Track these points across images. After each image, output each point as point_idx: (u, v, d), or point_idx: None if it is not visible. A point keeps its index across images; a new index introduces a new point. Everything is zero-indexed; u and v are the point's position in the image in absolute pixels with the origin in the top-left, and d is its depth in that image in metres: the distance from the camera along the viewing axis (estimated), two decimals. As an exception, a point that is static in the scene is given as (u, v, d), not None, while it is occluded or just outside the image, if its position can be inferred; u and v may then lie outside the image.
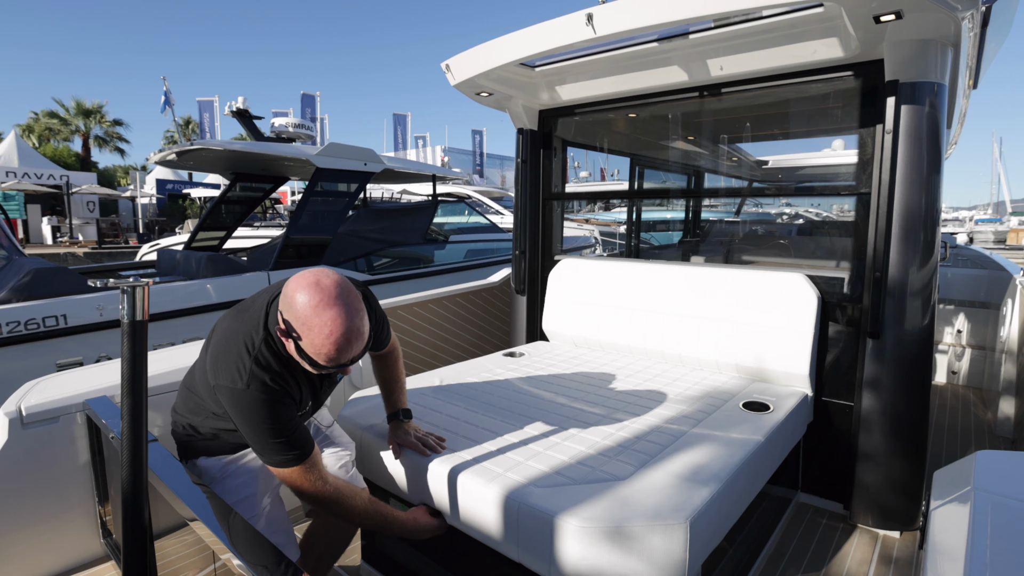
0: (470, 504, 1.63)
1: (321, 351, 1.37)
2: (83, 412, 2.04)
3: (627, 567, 1.40)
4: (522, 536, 1.51)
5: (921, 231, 2.27)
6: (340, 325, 1.35)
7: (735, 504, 1.71)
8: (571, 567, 1.43)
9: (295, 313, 1.37)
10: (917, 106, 2.21)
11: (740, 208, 5.91)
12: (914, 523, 2.44)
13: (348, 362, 1.42)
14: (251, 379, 1.44)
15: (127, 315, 1.07)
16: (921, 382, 2.35)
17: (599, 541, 1.40)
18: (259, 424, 1.44)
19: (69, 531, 2.08)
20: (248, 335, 1.50)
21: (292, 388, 1.52)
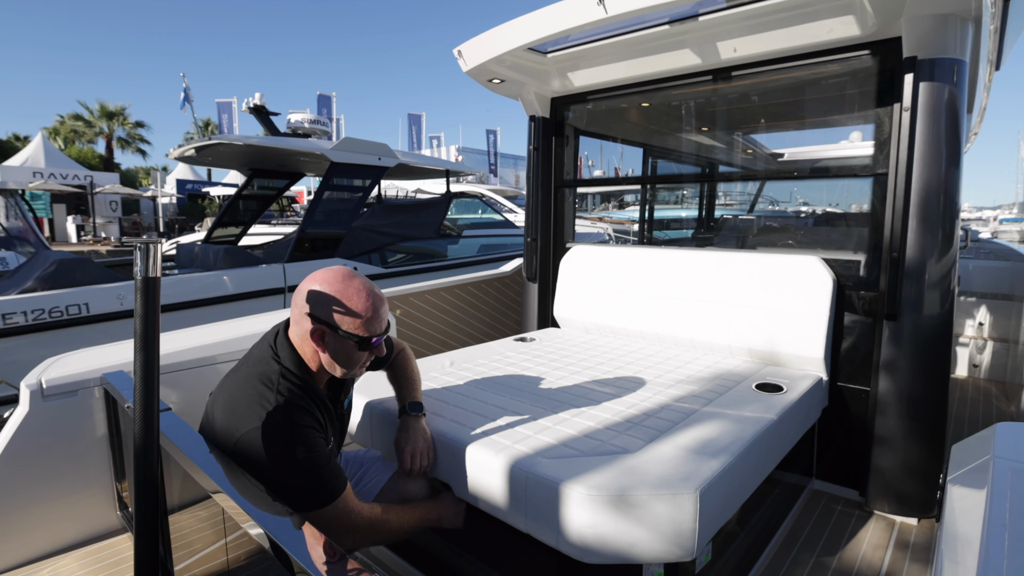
0: (478, 475, 1.63)
1: (365, 315, 1.43)
2: (101, 386, 2.08)
3: (635, 536, 1.39)
4: (529, 506, 1.50)
5: (940, 211, 2.22)
6: (367, 285, 1.46)
7: (746, 480, 1.69)
8: (578, 536, 1.42)
9: (324, 297, 1.41)
10: (936, 83, 2.17)
11: (754, 204, 5.84)
12: (932, 510, 2.39)
13: (385, 327, 1.49)
14: (280, 411, 1.39)
15: (140, 271, 1.09)
16: (940, 365, 2.30)
17: (607, 509, 1.39)
18: (294, 459, 1.36)
19: (86, 503, 2.12)
20: (262, 375, 1.46)
21: (318, 416, 1.49)
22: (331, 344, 1.44)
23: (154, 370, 1.12)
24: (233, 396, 1.45)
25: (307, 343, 1.47)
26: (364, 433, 2.07)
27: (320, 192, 6.17)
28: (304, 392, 1.46)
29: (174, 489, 1.74)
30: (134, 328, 1.11)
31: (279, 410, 1.38)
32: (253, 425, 1.36)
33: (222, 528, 1.47)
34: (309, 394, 1.47)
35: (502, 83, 3.20)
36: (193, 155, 6.47)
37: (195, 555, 1.77)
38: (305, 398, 1.45)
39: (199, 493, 1.55)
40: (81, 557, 2.06)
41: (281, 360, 1.48)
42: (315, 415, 1.46)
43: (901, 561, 2.13)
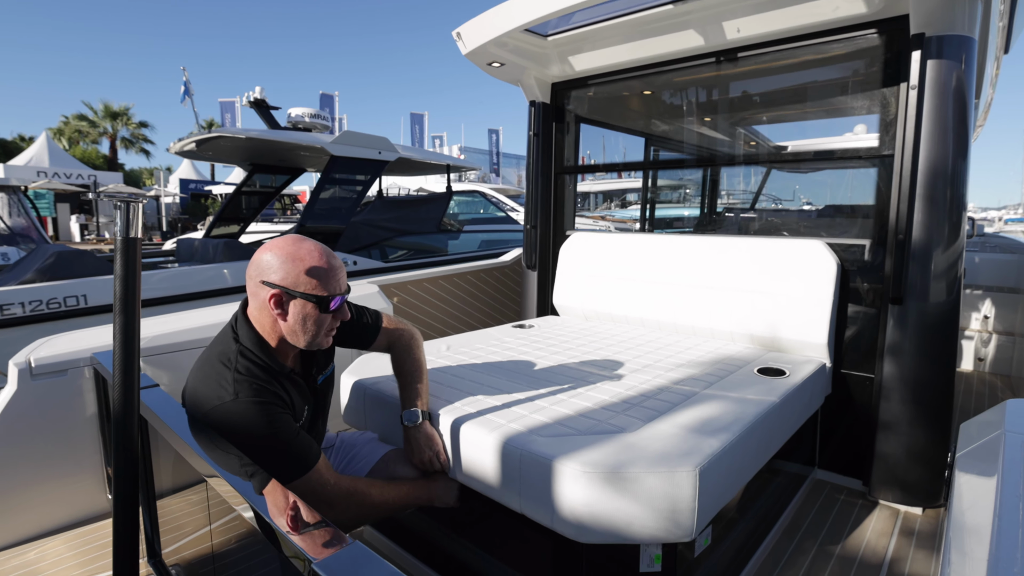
0: (471, 454, 1.59)
1: (320, 274, 1.39)
2: (91, 365, 2.05)
3: (631, 515, 1.35)
4: (524, 485, 1.46)
5: (947, 192, 2.17)
6: (322, 246, 1.43)
7: (748, 462, 1.64)
8: (573, 515, 1.37)
9: (278, 263, 1.38)
10: (944, 60, 2.12)
11: (757, 197, 5.79)
12: (938, 499, 2.34)
13: (344, 287, 1.45)
14: (237, 388, 1.36)
15: (120, 231, 1.06)
16: (946, 350, 2.25)
17: (602, 486, 1.35)
18: (257, 434, 1.33)
19: (76, 485, 2.09)
20: (221, 355, 1.43)
21: (281, 392, 1.44)
22: (290, 310, 1.40)
23: (134, 333, 1.08)
24: (196, 377, 1.43)
25: (265, 314, 1.42)
26: (357, 416, 2.03)
27: (320, 186, 6.14)
28: (262, 369, 1.42)
29: (162, 472, 1.71)
30: (113, 290, 1.07)
31: (237, 388, 1.35)
32: (212, 405, 1.34)
33: (216, 509, 1.44)
34: (268, 371, 1.43)
35: (502, 67, 3.17)
36: (194, 149, 6.45)
37: (185, 537, 1.74)
38: (264, 374, 1.41)
39: (189, 476, 1.52)
40: (70, 539, 2.03)
41: (239, 339, 1.44)
42: (275, 392, 1.41)
43: (906, 550, 2.08)
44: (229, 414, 1.33)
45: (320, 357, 1.64)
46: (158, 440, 1.61)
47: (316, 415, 1.64)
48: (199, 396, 1.38)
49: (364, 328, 1.77)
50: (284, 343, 1.46)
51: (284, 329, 1.43)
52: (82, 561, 1.91)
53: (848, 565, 1.98)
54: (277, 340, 1.45)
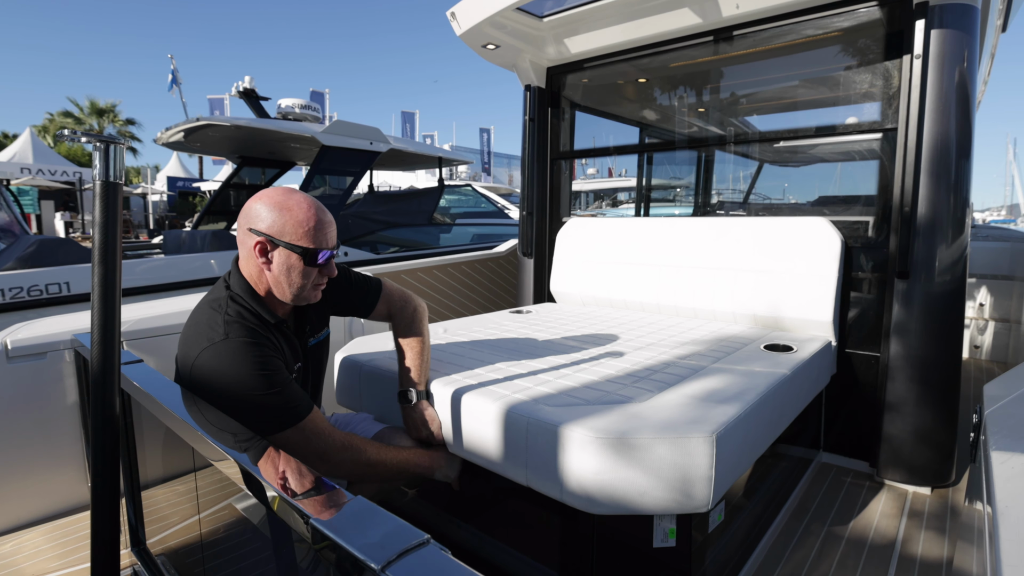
0: (474, 426, 1.52)
1: (308, 225, 1.36)
2: (72, 348, 1.96)
3: (644, 485, 1.28)
4: (530, 455, 1.39)
5: (952, 163, 2.14)
6: (309, 198, 1.40)
7: (761, 433, 1.59)
8: (582, 486, 1.30)
9: (267, 213, 1.35)
10: (948, 30, 2.09)
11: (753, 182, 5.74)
12: (946, 479, 2.31)
13: (332, 242, 1.41)
14: (228, 329, 1.32)
15: (99, 175, 0.98)
16: (953, 323, 2.22)
17: (614, 454, 1.28)
18: (248, 376, 1.27)
19: (55, 474, 2.00)
20: (212, 302, 1.41)
21: (273, 338, 1.40)
22: (274, 259, 1.37)
23: (115, 287, 1.00)
24: (188, 325, 1.41)
25: (252, 263, 1.40)
26: (351, 395, 1.95)
27: (310, 176, 6.04)
28: (253, 315, 1.39)
29: (148, 459, 1.63)
30: (92, 240, 1.00)
31: (228, 329, 1.33)
32: (202, 347, 1.31)
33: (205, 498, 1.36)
34: (259, 317, 1.40)
35: (497, 49, 3.11)
36: (181, 139, 6.32)
37: (173, 526, 1.66)
38: (254, 319, 1.39)
39: (177, 462, 1.44)
40: (49, 531, 1.93)
41: (230, 286, 1.43)
42: (267, 336, 1.38)
43: (916, 531, 2.04)
44: (219, 355, 1.29)
45: (313, 316, 1.59)
46: (142, 425, 1.53)
47: (307, 378, 1.58)
48: (188, 342, 1.34)
49: (364, 293, 1.69)
50: (273, 295, 1.43)
51: (270, 279, 1.40)
52: (60, 553, 1.82)
53: (859, 547, 1.93)
54: (265, 290, 1.43)
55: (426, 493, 1.89)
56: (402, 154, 7.13)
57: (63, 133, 1.01)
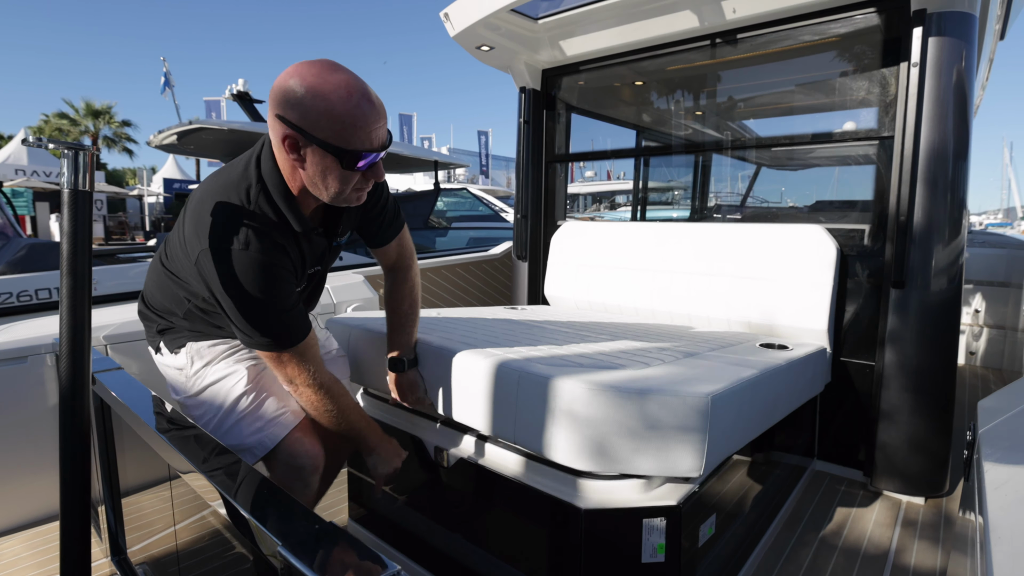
0: (464, 383, 1.48)
1: (347, 121, 1.08)
2: (53, 352, 1.93)
3: (637, 443, 1.25)
4: (520, 409, 1.34)
5: (949, 170, 2.12)
6: (356, 82, 1.10)
7: (755, 415, 1.55)
8: (573, 443, 1.26)
9: (299, 97, 1.08)
10: (946, 38, 2.07)
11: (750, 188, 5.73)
12: (940, 489, 2.28)
13: (381, 141, 1.15)
14: (250, 238, 1.16)
15: (68, 182, 0.95)
16: (948, 333, 2.19)
17: (608, 409, 1.24)
18: (257, 293, 1.17)
19: (36, 480, 1.96)
20: (238, 188, 1.21)
21: (291, 250, 1.26)
22: (307, 158, 1.14)
23: (85, 297, 0.97)
24: (201, 205, 1.21)
25: (282, 157, 1.18)
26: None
27: (305, 179, 6.00)
28: (279, 218, 1.22)
29: (128, 465, 1.59)
30: (60, 250, 0.96)
31: (248, 237, 1.17)
32: (217, 245, 1.16)
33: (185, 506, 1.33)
34: (283, 224, 1.23)
35: (491, 51, 3.08)
36: (175, 142, 6.27)
37: (155, 535, 1.62)
38: (278, 227, 1.22)
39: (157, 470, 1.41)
40: (29, 539, 1.89)
41: (263, 174, 1.22)
42: (286, 251, 1.24)
43: (910, 540, 2.02)
44: (233, 263, 1.15)
45: (345, 212, 1.39)
46: (122, 430, 1.49)
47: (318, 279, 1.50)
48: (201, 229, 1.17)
49: (391, 220, 1.54)
50: (307, 194, 1.24)
51: (304, 179, 1.19)
52: (40, 562, 1.78)
53: (852, 557, 1.90)
54: (299, 189, 1.23)
55: (412, 500, 1.85)
56: (398, 157, 7.10)
57: (28, 139, 0.97)
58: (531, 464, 1.47)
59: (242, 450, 1.43)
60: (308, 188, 1.21)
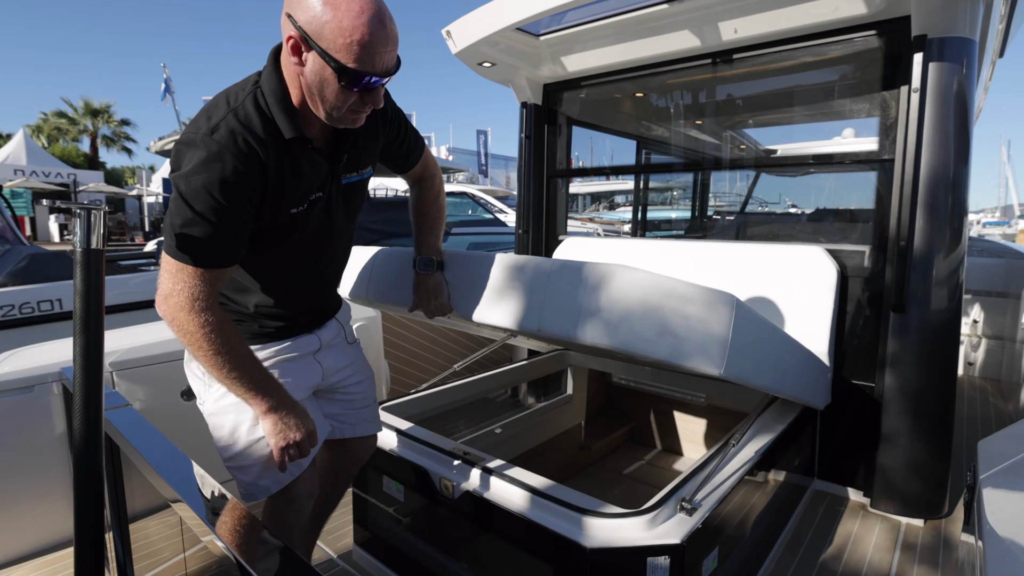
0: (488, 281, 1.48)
1: (353, 37, 1.04)
2: (59, 381, 1.94)
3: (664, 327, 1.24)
4: (550, 293, 1.33)
5: (949, 197, 2.13)
6: (377, 6, 1.07)
7: (769, 360, 1.58)
8: (602, 318, 1.24)
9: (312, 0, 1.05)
10: (946, 63, 2.08)
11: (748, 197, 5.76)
12: (939, 511, 2.30)
13: (385, 67, 1.11)
14: (218, 126, 1.10)
15: (80, 242, 0.95)
16: (948, 360, 2.21)
17: (642, 291, 1.24)
18: (188, 181, 1.08)
19: (44, 508, 1.97)
20: (232, 92, 1.18)
21: (271, 160, 1.16)
22: (308, 63, 1.10)
23: (98, 355, 0.98)
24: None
25: (287, 58, 1.14)
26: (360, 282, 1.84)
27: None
28: (266, 125, 1.15)
29: (136, 493, 1.60)
30: (74, 307, 0.97)
31: (218, 125, 1.11)
32: (188, 134, 1.11)
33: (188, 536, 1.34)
34: (272, 132, 1.16)
35: (493, 67, 3.09)
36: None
37: (161, 564, 1.63)
38: (263, 134, 1.15)
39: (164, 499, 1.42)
40: (38, 568, 1.91)
41: (260, 78, 1.18)
42: (267, 153, 1.15)
43: (909, 564, 2.04)
44: (187, 151, 1.09)
45: (360, 144, 1.34)
46: (131, 469, 1.51)
47: (329, 216, 1.35)
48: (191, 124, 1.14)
49: (413, 145, 1.54)
50: (308, 111, 1.19)
51: (303, 86, 1.15)
52: None
53: None
54: (299, 100, 1.18)
55: (417, 529, 1.87)
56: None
57: (43, 203, 0.98)
58: (536, 500, 1.48)
59: (252, 485, 1.42)
60: (306, 98, 1.17)
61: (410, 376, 3.65)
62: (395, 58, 1.14)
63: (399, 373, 3.57)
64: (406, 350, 3.59)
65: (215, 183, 1.09)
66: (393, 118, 1.45)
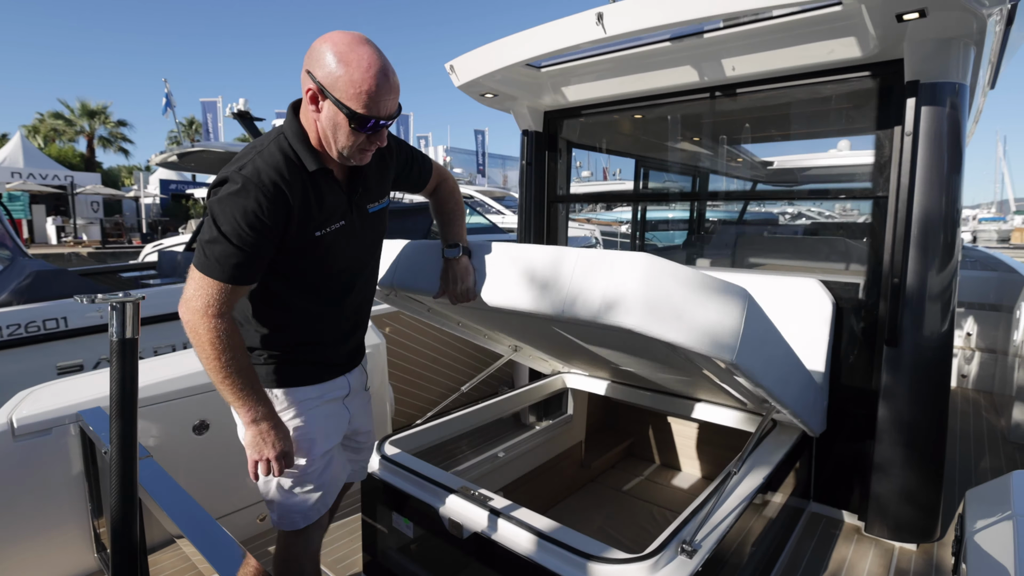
0: (514, 267, 1.54)
1: (362, 88, 1.25)
2: (76, 424, 1.99)
3: (683, 310, 1.32)
4: (575, 279, 1.40)
5: (941, 236, 2.20)
6: (378, 58, 1.28)
7: (774, 359, 1.66)
8: (624, 302, 1.31)
9: (327, 59, 1.26)
10: (938, 107, 2.14)
11: (743, 212, 5.83)
12: (931, 536, 2.38)
13: (388, 112, 1.32)
14: (246, 165, 1.30)
15: (116, 333, 1.01)
16: (939, 391, 2.28)
17: (663, 279, 1.32)
18: (220, 207, 1.27)
19: (62, 545, 2.03)
20: (258, 142, 1.38)
21: (295, 191, 1.34)
22: (323, 111, 1.31)
23: (133, 438, 1.04)
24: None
25: (307, 108, 1.35)
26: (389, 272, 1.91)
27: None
28: (289, 163, 1.35)
29: (153, 531, 1.66)
30: (110, 392, 1.03)
31: (249, 165, 1.30)
32: (222, 175, 1.31)
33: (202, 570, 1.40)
34: (295, 167, 1.35)
35: (495, 97, 3.14)
36: (176, 161, 6.31)
37: None
38: (287, 165, 1.34)
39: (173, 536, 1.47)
40: None
41: (284, 129, 1.39)
42: (284, 191, 1.32)
43: None
44: (225, 180, 1.29)
45: (372, 179, 1.54)
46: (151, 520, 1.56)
47: (357, 242, 1.52)
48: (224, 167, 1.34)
49: (421, 169, 1.73)
50: (323, 148, 1.39)
51: (319, 130, 1.35)
52: None
53: None
54: (317, 141, 1.38)
55: (426, 564, 1.92)
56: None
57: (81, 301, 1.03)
58: (543, 544, 1.54)
59: (287, 513, 1.54)
60: (321, 140, 1.37)
61: (415, 398, 3.71)
62: (397, 104, 1.35)
63: (403, 395, 3.62)
64: (410, 371, 3.65)
65: (240, 211, 1.27)
66: (398, 151, 1.65)
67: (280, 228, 1.33)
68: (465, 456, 2.49)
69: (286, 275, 1.43)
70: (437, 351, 3.77)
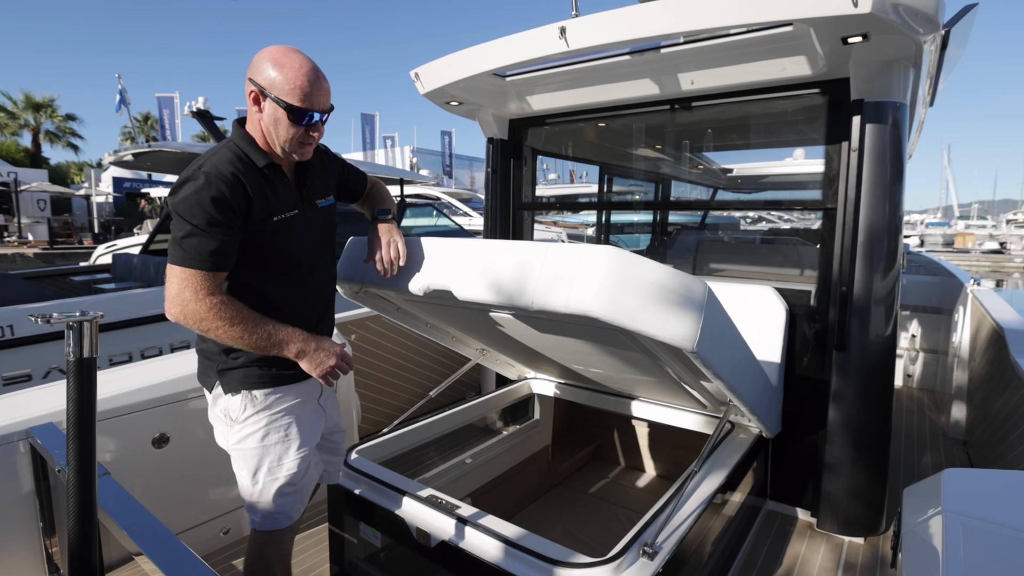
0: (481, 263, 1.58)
1: (296, 84, 1.43)
2: (27, 440, 1.92)
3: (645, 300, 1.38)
4: (544, 271, 1.45)
5: (885, 246, 2.33)
6: (309, 62, 1.47)
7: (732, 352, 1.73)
8: (592, 292, 1.37)
9: (265, 66, 1.44)
10: (881, 125, 2.27)
11: (704, 218, 6.01)
12: (877, 530, 2.51)
13: (321, 106, 1.48)
14: (203, 165, 1.43)
15: (73, 352, 1.00)
16: (884, 392, 2.41)
17: (628, 270, 1.38)
18: (186, 203, 1.38)
19: (11, 566, 1.95)
20: (208, 152, 1.51)
21: (251, 183, 1.46)
22: (265, 109, 1.47)
23: (92, 460, 1.02)
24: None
25: (251, 111, 1.50)
26: (353, 268, 1.93)
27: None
28: (240, 159, 1.48)
29: (111, 550, 1.62)
30: (67, 413, 1.01)
31: (206, 164, 1.43)
32: (180, 180, 1.42)
33: None
34: (246, 163, 1.49)
35: (460, 105, 3.16)
36: (131, 160, 6.11)
37: None
38: (240, 165, 1.47)
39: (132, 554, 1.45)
40: None
41: (233, 134, 1.54)
42: (242, 182, 1.44)
43: None
44: (183, 183, 1.41)
45: (318, 174, 1.68)
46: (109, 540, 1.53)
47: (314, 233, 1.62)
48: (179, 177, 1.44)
49: (357, 180, 1.89)
50: (269, 147, 1.53)
51: (263, 128, 1.50)
52: None
53: None
54: (263, 141, 1.53)
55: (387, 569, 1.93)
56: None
57: (35, 320, 1.01)
58: (510, 551, 1.57)
59: (270, 514, 1.59)
60: (266, 137, 1.51)
61: (382, 405, 3.69)
62: (329, 102, 1.53)
63: (370, 401, 3.60)
64: (377, 379, 3.63)
65: (208, 200, 1.38)
66: (337, 159, 1.84)
67: (243, 213, 1.45)
68: (432, 463, 2.51)
69: (252, 263, 1.51)
70: (404, 357, 3.77)
